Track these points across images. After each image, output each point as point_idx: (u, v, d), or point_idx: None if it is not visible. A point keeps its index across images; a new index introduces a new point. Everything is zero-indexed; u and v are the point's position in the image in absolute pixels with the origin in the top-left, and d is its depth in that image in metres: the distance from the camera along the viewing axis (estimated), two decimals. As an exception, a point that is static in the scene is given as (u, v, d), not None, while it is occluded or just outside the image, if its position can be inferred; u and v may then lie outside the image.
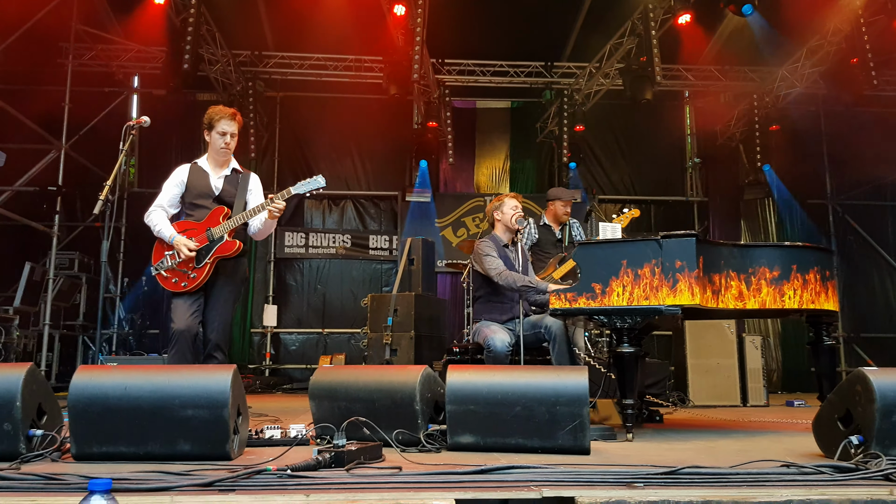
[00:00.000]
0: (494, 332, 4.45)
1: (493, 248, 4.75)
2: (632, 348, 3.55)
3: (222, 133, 4.15)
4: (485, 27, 10.09)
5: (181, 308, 3.98)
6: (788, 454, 2.92)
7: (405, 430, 3.06)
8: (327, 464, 2.47)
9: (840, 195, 11.36)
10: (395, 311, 7.64)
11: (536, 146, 11.73)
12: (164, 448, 2.71)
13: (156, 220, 4.11)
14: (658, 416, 4.70)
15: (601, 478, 2.25)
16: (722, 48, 10.68)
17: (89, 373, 2.85)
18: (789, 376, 10.53)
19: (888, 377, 2.66)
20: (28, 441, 2.74)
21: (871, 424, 2.58)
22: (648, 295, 3.45)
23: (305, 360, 10.72)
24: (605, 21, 9.80)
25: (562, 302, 3.64)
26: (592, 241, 3.77)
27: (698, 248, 3.45)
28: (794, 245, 3.93)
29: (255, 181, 4.33)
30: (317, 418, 3.30)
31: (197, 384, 2.75)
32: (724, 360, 6.80)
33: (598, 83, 10.76)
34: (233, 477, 2.18)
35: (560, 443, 2.92)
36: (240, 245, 4.08)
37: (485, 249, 4.75)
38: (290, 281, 11.13)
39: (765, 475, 2.27)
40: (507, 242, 4.90)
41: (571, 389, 2.94)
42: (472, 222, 11.19)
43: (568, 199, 6.26)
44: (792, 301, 3.74)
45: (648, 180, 11.69)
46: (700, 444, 3.51)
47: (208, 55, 9.72)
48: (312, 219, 11.35)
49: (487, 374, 3.14)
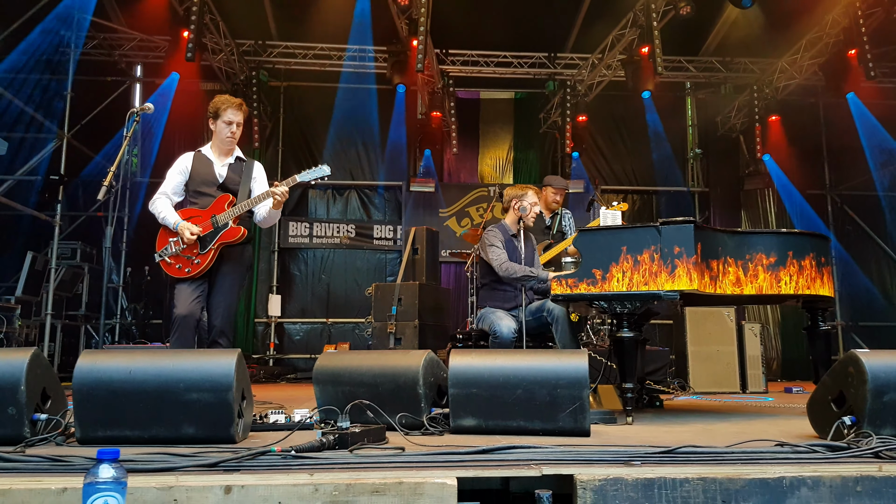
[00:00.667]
0: (500, 318, 4.51)
1: (499, 238, 4.82)
2: (631, 333, 3.59)
3: (228, 122, 4.18)
4: (489, 18, 10.09)
5: (184, 293, 4.01)
6: (784, 435, 2.97)
7: (409, 413, 3.11)
8: (331, 445, 2.51)
9: (839, 185, 11.39)
10: (399, 301, 7.69)
11: (540, 136, 11.74)
12: (168, 432, 2.73)
13: (160, 208, 4.15)
14: (658, 402, 4.75)
15: (599, 456, 2.30)
16: (723, 40, 10.70)
17: (94, 357, 2.86)
18: (789, 364, 10.59)
19: (880, 359, 2.70)
20: (33, 425, 2.75)
21: (863, 405, 2.63)
22: (648, 280, 3.49)
23: (310, 349, 10.77)
24: (608, 12, 9.80)
25: (563, 287, 3.68)
26: (593, 228, 3.81)
27: (696, 234, 3.49)
28: (791, 231, 3.98)
29: (258, 169, 4.37)
30: (321, 402, 3.34)
31: (201, 368, 2.77)
32: (723, 348, 6.85)
33: (600, 74, 10.77)
34: (237, 458, 2.21)
35: (561, 425, 2.97)
36: (244, 231, 4.12)
37: (490, 239, 4.81)
38: (294, 271, 11.18)
39: (759, 454, 2.32)
40: (515, 232, 4.96)
41: (571, 372, 2.99)
42: (476, 212, 11.22)
43: (559, 188, 6.33)
44: (788, 287, 3.78)
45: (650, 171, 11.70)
46: (698, 426, 3.56)
47: (212, 44, 9.74)
48: (317, 208, 11.38)
49: (489, 358, 3.18)
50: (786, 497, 2.04)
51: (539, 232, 6.31)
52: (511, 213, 5.02)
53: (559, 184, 6.37)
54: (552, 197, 6.31)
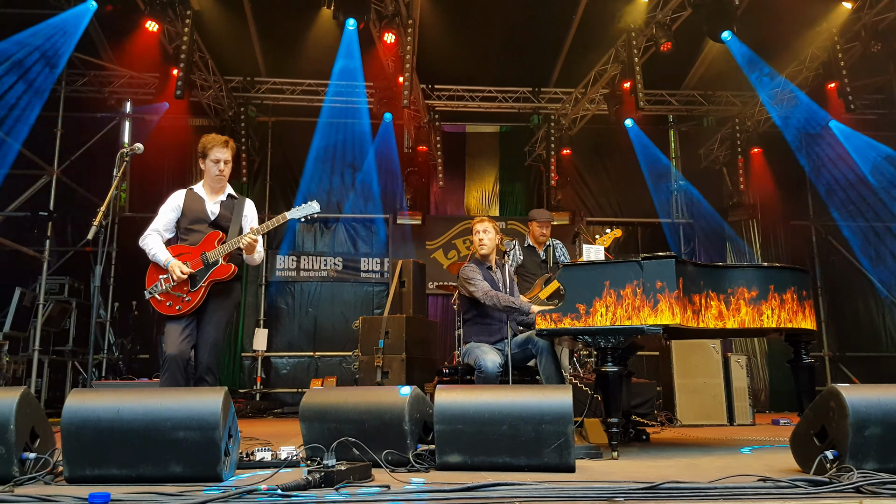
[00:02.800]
0: (485, 353, 4.53)
1: (477, 272, 4.85)
2: (615, 367, 3.62)
3: (216, 161, 4.23)
4: (473, 53, 10.29)
5: (174, 333, 4.02)
6: (768, 469, 3.00)
7: (394, 450, 3.12)
8: (317, 483, 2.52)
9: (822, 216, 11.54)
10: (386, 334, 7.68)
11: (525, 169, 11.89)
12: (156, 470, 2.73)
13: (151, 244, 4.16)
14: (645, 435, 4.76)
15: (583, 493, 2.32)
16: (704, 73, 10.92)
17: (82, 396, 2.88)
18: (777, 396, 10.60)
19: (861, 393, 2.74)
20: (21, 464, 2.76)
21: (845, 439, 2.67)
22: (631, 315, 3.54)
23: (297, 383, 10.71)
24: (591, 48, 10.01)
25: (547, 322, 3.72)
26: (576, 264, 3.87)
27: (678, 269, 3.55)
28: (771, 266, 4.04)
29: (249, 207, 4.41)
30: (307, 440, 3.35)
31: (188, 406, 2.79)
32: (710, 380, 6.87)
33: (584, 108, 10.96)
34: (223, 497, 2.22)
35: (546, 461, 2.99)
36: (235, 269, 4.14)
37: (468, 274, 4.85)
38: (281, 304, 11.16)
39: (741, 489, 2.35)
40: (489, 265, 5.00)
41: (556, 408, 3.02)
42: (462, 244, 11.28)
43: (543, 221, 6.41)
44: (770, 320, 3.84)
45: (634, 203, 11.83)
46: (683, 460, 3.58)
47: (200, 81, 9.85)
48: (304, 242, 11.41)
49: (474, 394, 3.21)
50: (767, 532, 2.07)
51: (535, 266, 6.38)
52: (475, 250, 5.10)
53: (543, 217, 6.46)
54: (538, 231, 6.40)
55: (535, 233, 6.42)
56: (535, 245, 6.43)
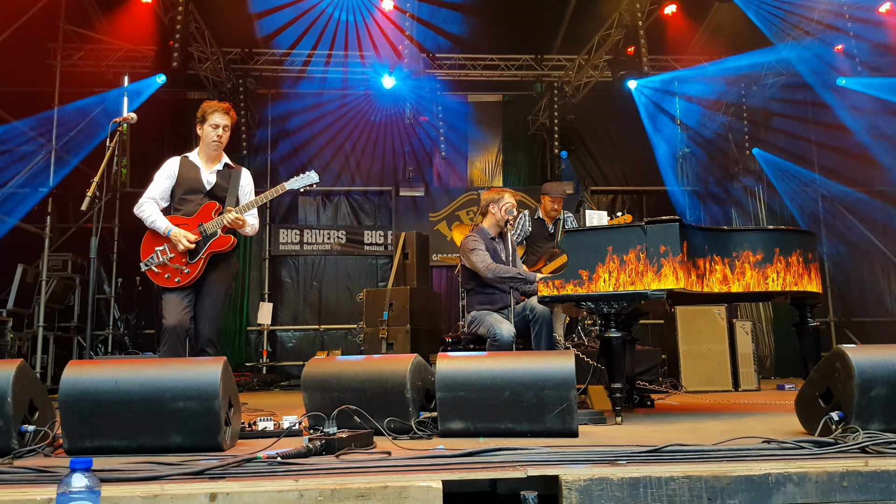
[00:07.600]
0: (499, 321, 4.47)
1: (481, 242, 4.80)
2: (619, 333, 3.59)
3: (215, 125, 4.17)
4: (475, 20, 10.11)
5: (172, 303, 3.99)
6: (772, 432, 2.97)
7: (396, 418, 3.11)
8: (318, 451, 2.50)
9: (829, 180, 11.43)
10: (390, 306, 7.68)
11: (528, 139, 11.76)
12: (156, 441, 2.73)
13: (149, 212, 4.09)
14: (649, 401, 4.75)
15: (585, 457, 2.30)
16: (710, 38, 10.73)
17: (80, 367, 2.86)
18: (782, 361, 10.60)
19: (866, 354, 2.71)
20: (20, 437, 2.75)
21: (850, 400, 2.63)
22: (634, 280, 3.50)
23: (302, 356, 10.71)
24: (594, 12, 9.82)
25: (550, 289, 3.68)
26: (578, 229, 3.82)
27: (682, 232, 3.50)
28: (777, 228, 3.98)
29: (246, 177, 4.36)
30: (309, 409, 3.33)
31: (187, 376, 2.77)
32: (715, 346, 6.85)
33: (587, 75, 10.80)
34: (223, 465, 2.21)
35: (548, 426, 2.97)
36: (234, 240, 4.11)
37: (471, 244, 4.79)
38: (285, 278, 11.15)
39: (745, 451, 2.32)
40: (494, 235, 4.94)
41: (558, 373, 2.99)
42: (466, 216, 11.21)
43: (556, 196, 6.31)
44: (775, 284, 3.79)
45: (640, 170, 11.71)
46: (687, 425, 3.56)
47: (198, 53, 9.72)
48: (307, 215, 11.36)
49: (476, 361, 3.18)
50: (771, 493, 2.05)
51: (543, 239, 6.31)
52: (489, 217, 4.99)
53: (556, 192, 6.34)
54: (550, 205, 6.31)
55: (547, 207, 6.33)
56: (545, 218, 6.36)
